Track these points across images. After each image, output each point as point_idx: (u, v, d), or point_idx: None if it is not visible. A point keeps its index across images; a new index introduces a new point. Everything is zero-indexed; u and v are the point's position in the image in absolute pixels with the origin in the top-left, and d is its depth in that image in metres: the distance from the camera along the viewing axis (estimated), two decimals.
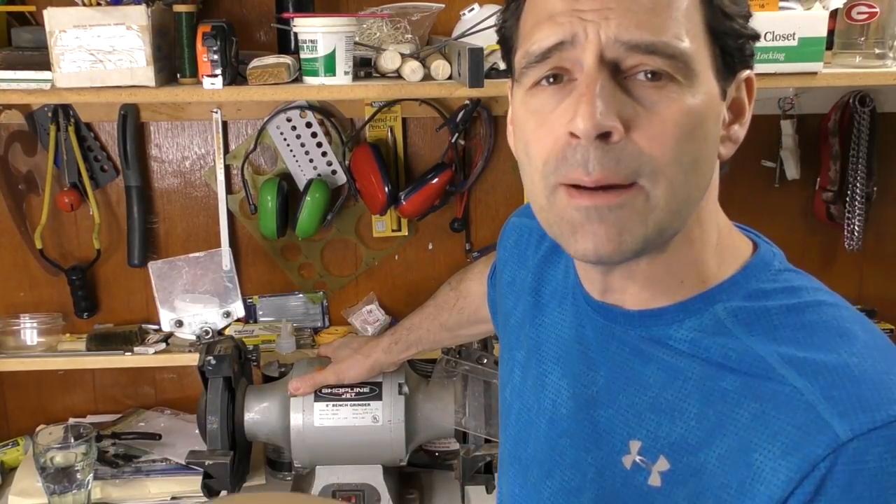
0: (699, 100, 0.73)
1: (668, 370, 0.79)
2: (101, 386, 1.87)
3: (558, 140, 0.73)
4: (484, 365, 1.51)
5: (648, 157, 0.71)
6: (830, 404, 0.69)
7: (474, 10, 1.52)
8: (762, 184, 1.78)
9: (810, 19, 1.42)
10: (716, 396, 0.75)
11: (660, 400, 0.79)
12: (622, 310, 0.83)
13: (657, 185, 0.72)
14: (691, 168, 0.74)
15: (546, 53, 0.74)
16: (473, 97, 1.68)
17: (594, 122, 0.70)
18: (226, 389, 1.47)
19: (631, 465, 0.80)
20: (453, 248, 1.82)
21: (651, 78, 0.72)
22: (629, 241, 0.74)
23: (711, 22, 0.74)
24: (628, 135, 0.71)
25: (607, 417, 0.83)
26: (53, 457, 1.54)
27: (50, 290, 1.80)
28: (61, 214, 1.75)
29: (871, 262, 1.87)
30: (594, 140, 0.70)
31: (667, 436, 0.78)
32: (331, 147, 1.76)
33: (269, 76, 1.43)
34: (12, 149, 1.73)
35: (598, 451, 0.83)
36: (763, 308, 0.78)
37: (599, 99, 0.70)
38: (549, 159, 0.74)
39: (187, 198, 1.79)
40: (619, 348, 0.83)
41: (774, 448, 0.70)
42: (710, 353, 0.77)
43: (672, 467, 0.77)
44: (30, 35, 1.50)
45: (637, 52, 0.71)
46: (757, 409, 0.72)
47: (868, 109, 1.72)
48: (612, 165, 0.71)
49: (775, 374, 0.73)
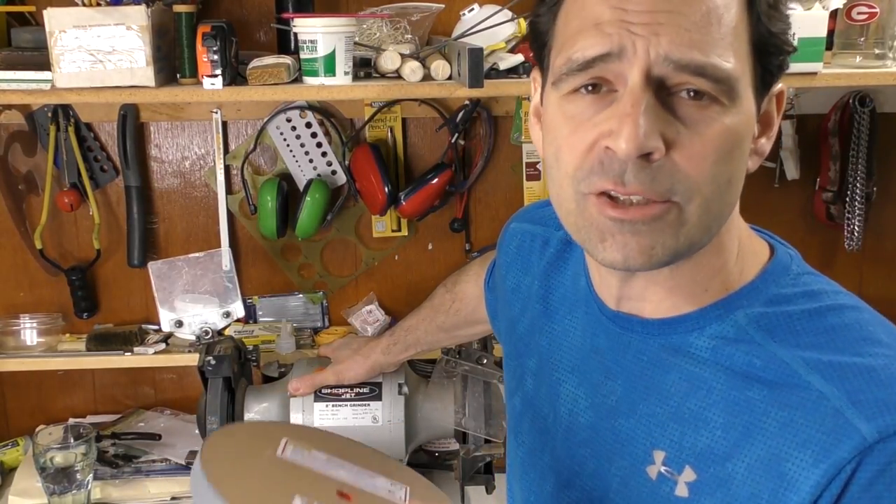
0: (739, 120, 0.72)
1: (690, 379, 0.79)
2: (101, 386, 1.87)
3: (593, 149, 0.72)
4: (484, 365, 1.51)
5: (685, 175, 0.71)
6: (857, 408, 0.69)
7: (474, 10, 1.52)
8: (762, 184, 1.78)
9: (810, 19, 1.42)
10: (742, 406, 0.75)
11: (682, 409, 0.78)
12: (639, 318, 0.83)
13: (691, 203, 0.72)
14: (726, 187, 0.74)
15: (590, 63, 0.72)
16: (473, 97, 1.68)
17: (637, 143, 0.68)
18: (225, 390, 1.47)
19: (656, 476, 0.79)
20: (453, 249, 1.82)
21: (694, 97, 0.71)
22: (660, 254, 0.73)
23: (757, 40, 0.73)
24: (668, 153, 0.70)
25: (628, 427, 0.82)
26: (53, 457, 1.54)
27: (50, 290, 1.80)
28: (61, 214, 1.75)
29: (870, 263, 1.87)
30: (633, 158, 0.69)
31: (692, 446, 0.77)
32: (331, 147, 1.76)
33: (269, 76, 1.43)
34: (12, 149, 1.73)
35: (622, 460, 0.83)
36: (785, 313, 0.77)
37: (644, 118, 0.69)
38: (581, 167, 0.73)
39: (187, 198, 1.79)
40: (636, 358, 0.83)
41: (805, 456, 0.70)
42: (734, 360, 0.77)
43: (699, 478, 0.76)
44: (30, 35, 1.50)
45: (685, 72, 0.69)
46: (785, 418, 0.72)
47: (868, 110, 1.72)
48: (648, 182, 0.70)
49: (801, 380, 0.73)
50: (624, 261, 0.73)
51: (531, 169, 1.76)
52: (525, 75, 1.50)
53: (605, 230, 0.73)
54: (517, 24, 1.52)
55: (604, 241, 0.74)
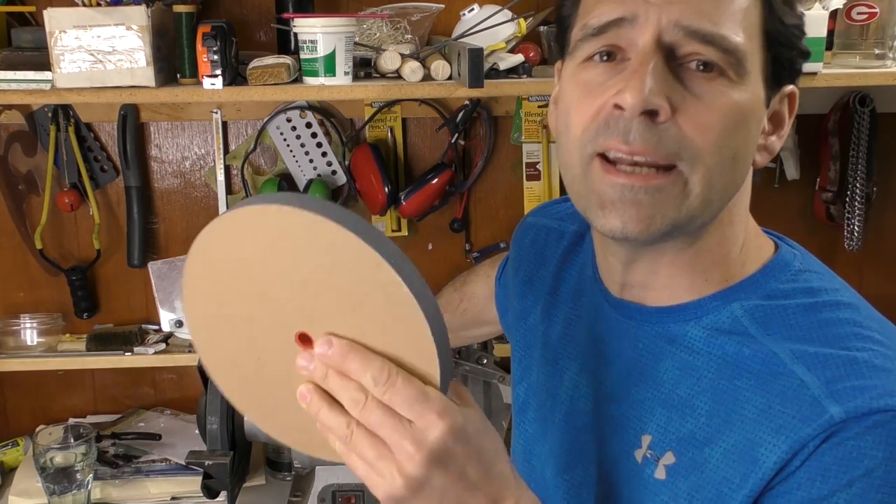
0: (745, 98, 0.74)
1: (682, 367, 0.80)
2: (101, 386, 1.87)
3: (601, 109, 0.74)
4: (484, 365, 1.51)
5: (690, 142, 0.72)
6: (833, 396, 0.70)
7: (474, 10, 1.52)
8: (762, 184, 1.78)
9: (810, 19, 1.38)
10: (728, 394, 0.76)
11: (672, 396, 0.79)
12: (640, 307, 0.84)
13: (695, 172, 0.73)
14: (730, 162, 0.74)
15: (604, 28, 0.74)
16: (473, 97, 1.68)
17: (642, 97, 0.70)
18: None
19: (641, 459, 0.80)
20: (453, 249, 1.82)
21: (703, 69, 0.72)
22: (659, 223, 0.74)
23: (768, 27, 0.75)
24: (674, 118, 0.71)
25: (621, 412, 0.84)
26: (53, 457, 1.54)
27: (50, 290, 1.80)
28: (61, 215, 1.75)
29: (870, 263, 1.87)
30: (639, 115, 0.71)
31: (676, 430, 0.78)
32: (331, 147, 1.76)
33: (269, 76, 1.43)
34: (12, 149, 1.73)
35: (616, 445, 0.84)
36: (780, 307, 0.78)
37: (651, 77, 0.71)
38: (588, 127, 0.75)
39: (187, 198, 1.79)
40: (632, 345, 0.84)
41: (779, 442, 0.71)
42: (726, 350, 0.78)
43: (677, 461, 0.77)
44: (30, 35, 1.50)
45: (694, 39, 0.72)
46: (764, 404, 0.73)
47: (868, 110, 1.72)
48: (654, 142, 0.71)
49: (785, 369, 0.73)
50: (622, 227, 0.74)
51: (531, 169, 1.76)
52: (525, 75, 1.50)
53: (606, 198, 0.74)
54: (517, 24, 1.52)
55: (603, 207, 0.75)
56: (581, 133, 0.75)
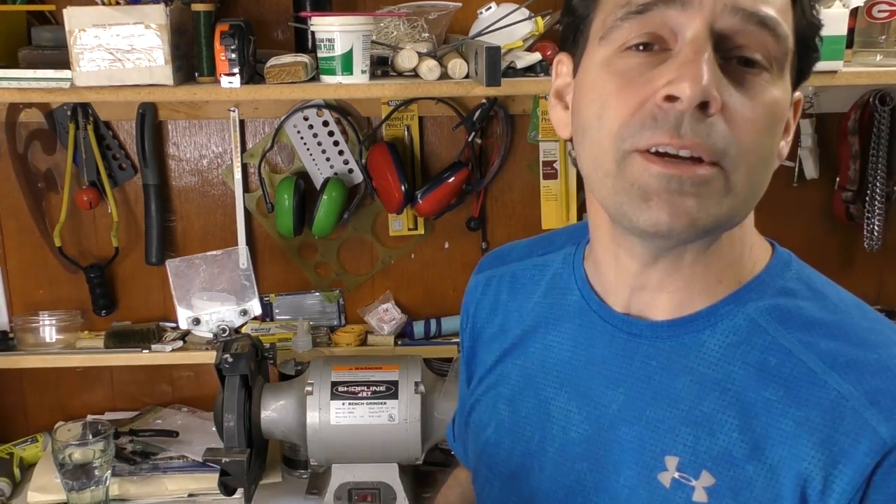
0: (783, 96, 0.73)
1: (701, 381, 0.77)
2: (119, 383, 1.88)
3: (646, 102, 0.70)
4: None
5: (736, 139, 0.69)
6: (876, 409, 0.69)
7: (491, 8, 1.52)
8: (781, 183, 1.77)
9: (830, 18, 1.41)
10: (759, 407, 0.74)
11: (695, 413, 0.77)
12: (648, 321, 0.81)
13: (737, 171, 0.70)
14: (765, 162, 0.73)
15: (648, 6, 0.70)
16: (490, 96, 1.68)
17: (701, 87, 0.66)
18: (242, 387, 1.47)
19: (670, 483, 0.77)
20: (469, 247, 1.82)
21: (745, 65, 0.70)
22: (704, 220, 0.71)
23: (799, 29, 0.74)
24: (722, 112, 0.69)
25: (634, 435, 0.80)
26: (72, 453, 1.55)
27: (68, 287, 1.81)
28: (80, 212, 1.76)
29: (890, 262, 1.86)
30: (692, 108, 0.68)
31: (707, 450, 0.76)
32: (347, 146, 1.76)
33: (287, 75, 1.43)
34: (32, 147, 1.74)
35: (629, 470, 0.80)
36: (796, 306, 0.77)
37: (706, 66, 0.67)
38: (629, 122, 0.70)
39: (205, 196, 1.79)
40: (644, 363, 0.81)
41: (825, 457, 0.70)
42: (748, 359, 0.76)
43: (718, 481, 0.75)
44: (49, 34, 1.51)
45: (751, 22, 0.69)
46: (801, 417, 0.72)
47: (888, 108, 1.71)
48: (705, 135, 0.68)
49: (817, 378, 0.72)
50: (669, 222, 0.70)
51: (548, 168, 1.76)
52: (542, 74, 1.50)
53: (651, 189, 0.70)
54: (534, 22, 1.51)
55: (648, 199, 0.70)
56: (619, 128, 0.71)
